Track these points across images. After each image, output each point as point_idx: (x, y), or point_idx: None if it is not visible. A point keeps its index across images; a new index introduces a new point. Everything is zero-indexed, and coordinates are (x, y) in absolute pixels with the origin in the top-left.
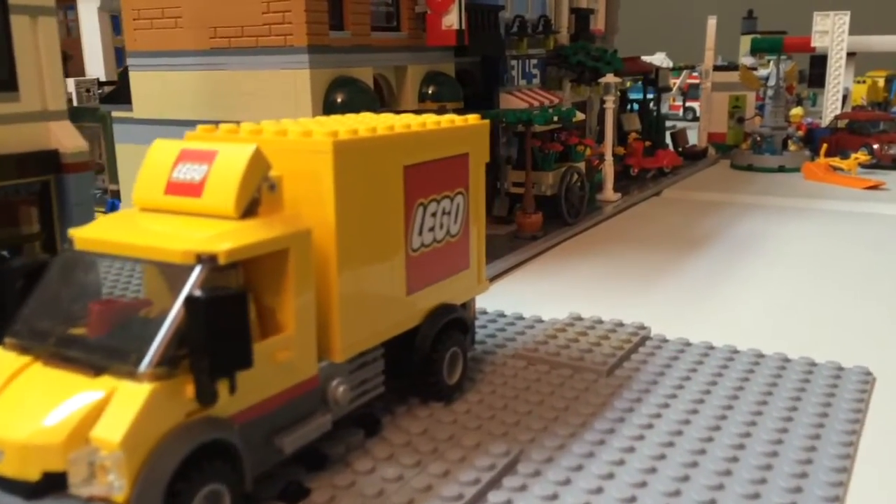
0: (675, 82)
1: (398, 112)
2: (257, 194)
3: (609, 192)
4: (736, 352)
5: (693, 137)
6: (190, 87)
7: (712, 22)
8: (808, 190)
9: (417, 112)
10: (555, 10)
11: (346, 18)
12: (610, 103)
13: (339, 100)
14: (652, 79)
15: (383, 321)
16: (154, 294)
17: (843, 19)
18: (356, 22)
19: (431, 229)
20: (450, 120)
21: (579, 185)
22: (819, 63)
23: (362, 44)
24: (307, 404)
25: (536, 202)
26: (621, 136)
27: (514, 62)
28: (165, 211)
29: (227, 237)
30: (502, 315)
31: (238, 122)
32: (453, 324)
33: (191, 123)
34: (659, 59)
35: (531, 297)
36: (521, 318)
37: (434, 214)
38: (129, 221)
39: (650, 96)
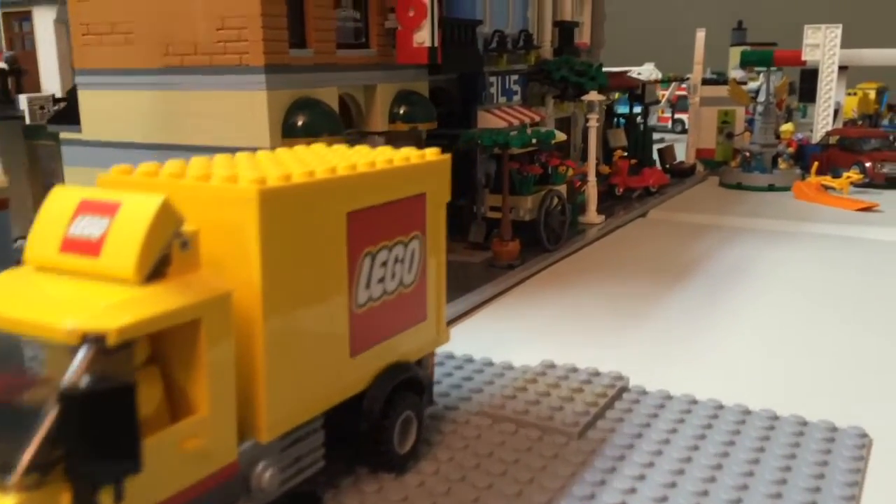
0: (664, 94)
1: (364, 134)
2: (166, 253)
3: (592, 215)
4: (720, 407)
5: (681, 153)
6: (141, 108)
7: (701, 35)
8: (799, 211)
9: (388, 133)
10: (537, 24)
11: (308, 35)
12: (593, 122)
13: (299, 123)
14: (638, 94)
15: (321, 390)
16: (47, 372)
17: (835, 32)
18: (320, 39)
19: (381, 280)
20: (404, 157)
21: (560, 210)
22: (810, 77)
23: (327, 62)
24: (224, 496)
25: (515, 228)
26: (607, 153)
27: (493, 79)
28: (60, 272)
29: (123, 309)
30: (470, 360)
31: (193, 145)
32: (406, 385)
33: (142, 147)
34: (648, 69)
35: (505, 336)
36: (490, 363)
37: (384, 264)
38: (16, 284)
39: (637, 111)
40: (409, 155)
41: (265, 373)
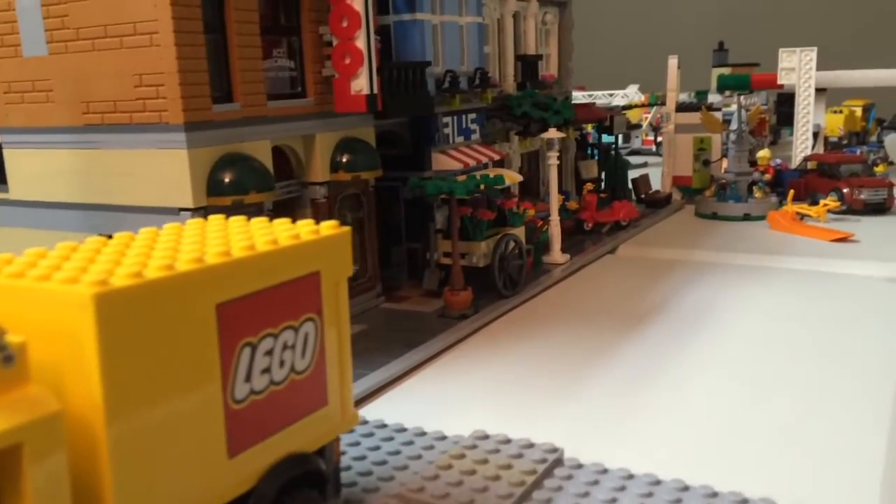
0: (647, 116)
1: (306, 185)
2: None
3: (556, 254)
4: (657, 483)
5: (658, 181)
6: (65, 167)
7: (673, 62)
8: (772, 243)
9: (330, 183)
10: (499, 59)
11: (235, 89)
12: (553, 159)
13: (226, 180)
14: (607, 126)
15: (192, 497)
16: None
17: (810, 56)
18: (248, 92)
19: (266, 371)
20: (293, 236)
21: (517, 254)
22: (787, 101)
23: (256, 115)
24: None
25: (470, 274)
26: (580, 185)
27: (447, 119)
28: None
29: None
30: (402, 430)
31: (117, 205)
32: (302, 479)
33: (69, 206)
34: (631, 91)
35: (445, 399)
36: (421, 433)
37: (270, 352)
38: None
39: (609, 140)
40: (299, 232)
41: (113, 493)
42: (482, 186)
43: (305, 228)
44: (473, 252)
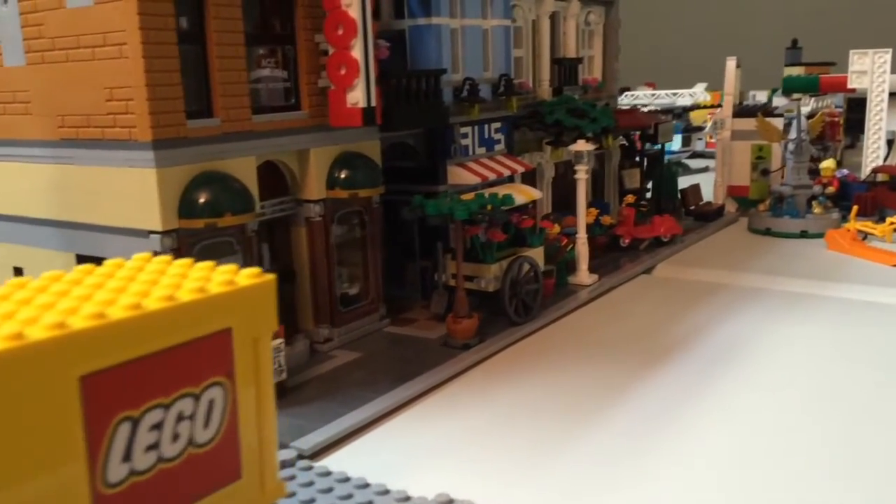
0: (712, 116)
1: (301, 202)
2: None
3: (583, 275)
4: None
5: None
6: (40, 181)
7: (731, 64)
8: (827, 266)
9: (327, 201)
10: (533, 62)
11: (214, 103)
12: (581, 174)
13: (200, 201)
14: (651, 134)
15: None
16: None
17: (884, 58)
18: (229, 106)
19: (153, 447)
20: (198, 289)
21: (532, 277)
22: (858, 107)
23: (238, 130)
24: None
25: (481, 298)
26: (624, 196)
27: (466, 129)
28: None
29: None
30: (364, 485)
31: (89, 224)
32: None
33: (43, 223)
34: (699, 90)
35: (421, 448)
36: (384, 491)
37: (158, 426)
38: None
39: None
40: (207, 284)
41: None
42: (489, 207)
43: (220, 278)
44: (483, 276)
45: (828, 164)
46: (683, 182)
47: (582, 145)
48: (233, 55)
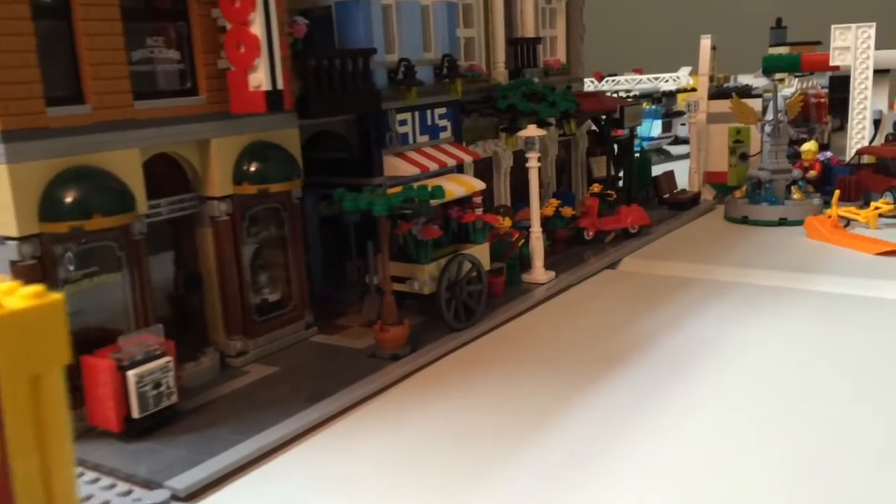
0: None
1: (204, 199)
2: None
3: (538, 272)
4: None
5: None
6: None
7: (706, 43)
8: (806, 256)
9: (235, 197)
10: (486, 43)
11: (85, 87)
12: (532, 161)
13: (67, 201)
14: (616, 119)
15: None
16: None
17: (868, 32)
18: (103, 91)
19: None
20: None
21: (475, 277)
22: (841, 86)
23: (117, 119)
24: None
25: (423, 299)
26: (592, 184)
27: (404, 115)
28: None
29: None
30: None
31: None
32: None
33: None
34: (683, 74)
35: (331, 478)
36: None
37: None
38: None
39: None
40: None
41: None
42: (416, 200)
43: None
44: (417, 277)
45: (809, 146)
46: (663, 169)
47: (532, 130)
48: (106, 32)
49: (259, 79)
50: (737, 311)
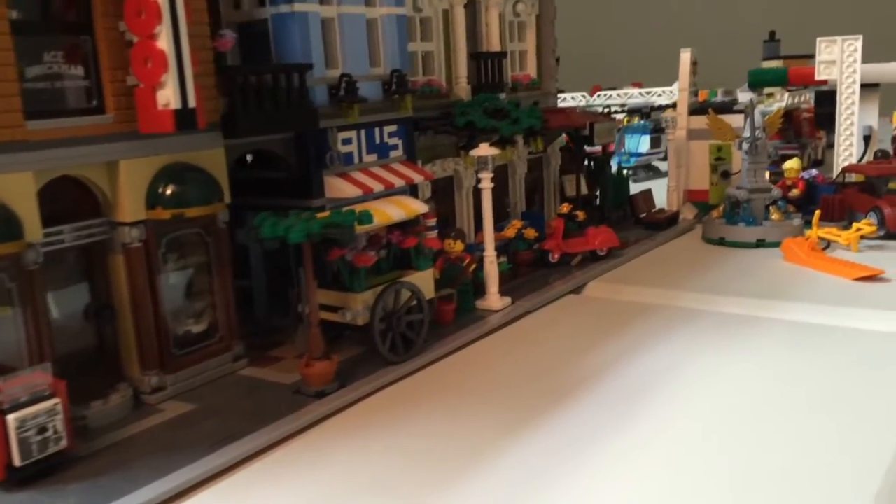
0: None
1: (115, 225)
2: None
3: (493, 299)
4: None
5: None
6: None
7: (685, 56)
8: (780, 282)
9: (148, 223)
10: (447, 58)
11: None
12: (485, 182)
13: None
14: (585, 136)
15: None
16: None
17: (854, 45)
18: None
19: None
20: None
21: (415, 306)
22: (828, 100)
23: (7, 140)
24: None
25: (362, 331)
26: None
27: (349, 133)
28: None
29: None
30: None
31: None
32: None
33: None
34: (676, 89)
35: None
36: None
37: None
38: None
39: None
40: None
41: None
42: (333, 226)
43: None
44: (349, 306)
45: (791, 164)
46: (650, 184)
47: (484, 150)
48: None
49: (167, 96)
50: (695, 342)
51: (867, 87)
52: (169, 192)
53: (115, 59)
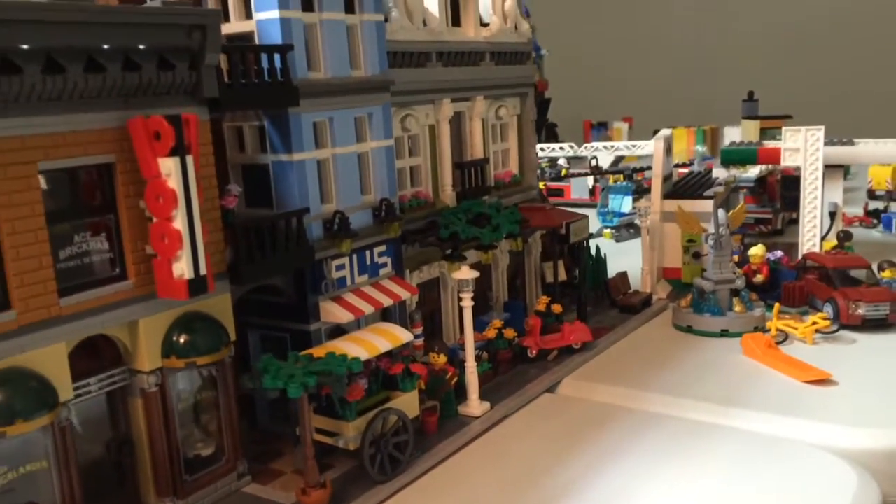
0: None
1: (135, 373)
2: None
3: (474, 405)
4: None
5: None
6: None
7: (658, 144)
8: (737, 381)
9: (164, 370)
10: (433, 168)
11: (10, 295)
12: (466, 301)
13: None
14: (562, 234)
15: None
16: None
17: (817, 135)
18: (29, 295)
19: None
20: None
21: (401, 428)
22: (792, 184)
23: (42, 319)
24: None
25: (346, 454)
26: (546, 290)
27: (341, 261)
28: None
29: None
30: None
31: None
32: None
33: None
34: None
35: None
36: None
37: None
38: None
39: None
40: None
41: None
42: (345, 374)
43: None
44: (343, 433)
45: (756, 250)
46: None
47: (465, 272)
48: (31, 242)
49: (182, 268)
50: (654, 457)
51: (831, 167)
52: (182, 340)
53: (135, 231)
